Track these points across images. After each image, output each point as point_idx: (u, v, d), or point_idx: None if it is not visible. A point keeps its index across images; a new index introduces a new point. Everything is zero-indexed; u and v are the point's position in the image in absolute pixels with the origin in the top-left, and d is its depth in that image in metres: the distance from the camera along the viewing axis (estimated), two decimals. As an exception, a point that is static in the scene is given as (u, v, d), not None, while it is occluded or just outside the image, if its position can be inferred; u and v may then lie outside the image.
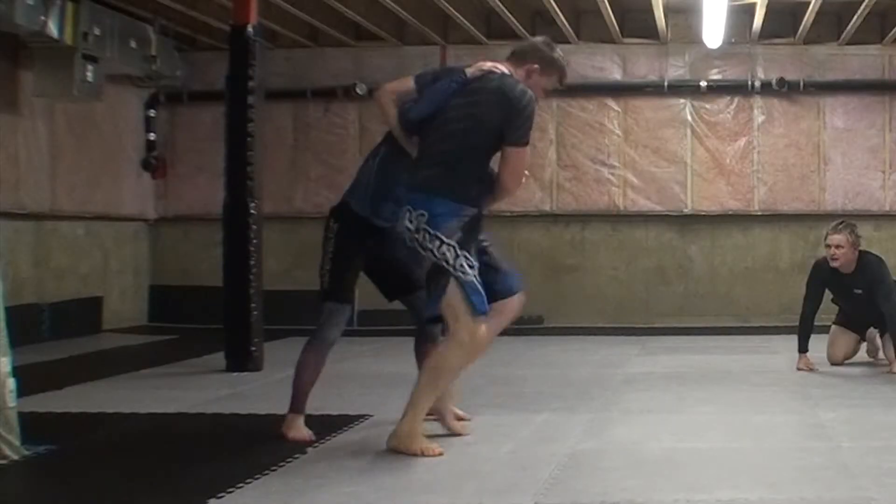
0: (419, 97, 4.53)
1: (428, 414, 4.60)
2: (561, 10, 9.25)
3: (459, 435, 4.74)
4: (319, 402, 5.77)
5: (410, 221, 4.33)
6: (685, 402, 5.71)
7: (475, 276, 4.30)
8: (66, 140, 9.34)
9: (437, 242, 4.28)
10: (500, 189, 4.49)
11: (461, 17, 9.44)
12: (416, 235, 4.31)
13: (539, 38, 4.77)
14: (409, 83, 4.61)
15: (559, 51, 4.66)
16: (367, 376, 6.79)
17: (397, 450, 4.37)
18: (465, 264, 4.28)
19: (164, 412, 5.52)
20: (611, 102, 10.47)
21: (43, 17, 7.81)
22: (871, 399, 5.72)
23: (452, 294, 4.30)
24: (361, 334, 9.57)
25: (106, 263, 10.09)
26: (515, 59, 4.58)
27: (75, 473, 4.20)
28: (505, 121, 4.35)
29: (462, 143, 4.37)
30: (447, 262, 4.28)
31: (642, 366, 7.33)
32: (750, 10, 9.24)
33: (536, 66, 4.53)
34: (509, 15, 9.30)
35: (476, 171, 4.40)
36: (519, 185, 4.52)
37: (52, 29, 7.96)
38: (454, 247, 4.28)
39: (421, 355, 4.87)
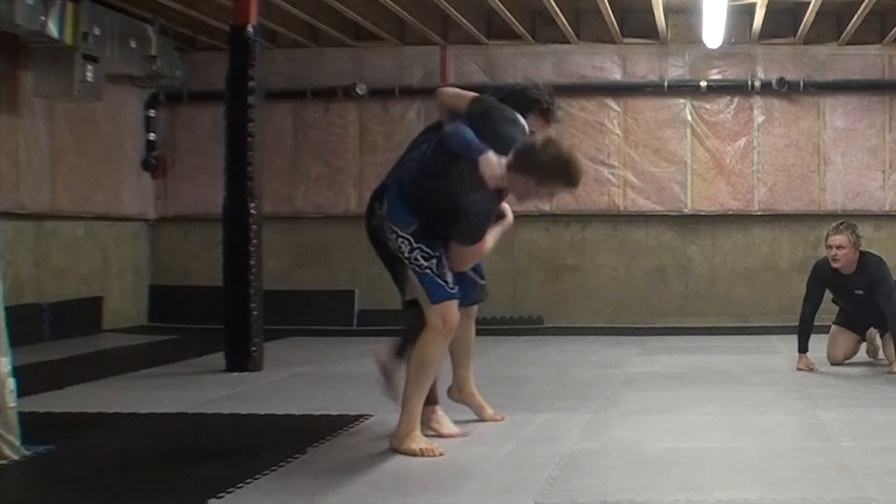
0: (462, 120, 4.45)
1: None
2: (561, 10, 9.25)
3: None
4: (319, 402, 5.79)
5: (379, 209, 4.51)
6: (685, 402, 5.70)
7: (432, 266, 4.36)
8: (66, 140, 9.34)
9: (395, 235, 4.42)
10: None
11: (461, 17, 9.44)
12: (383, 223, 4.48)
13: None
14: (464, 101, 4.52)
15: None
16: (367, 376, 6.75)
17: (397, 451, 4.37)
18: (419, 256, 4.37)
19: (164, 412, 5.52)
20: (611, 102, 10.47)
21: (43, 17, 7.81)
22: (871, 399, 5.71)
23: (414, 283, 4.44)
24: (361, 334, 9.59)
25: (106, 263, 10.09)
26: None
27: (75, 473, 4.19)
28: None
29: (422, 192, 4.39)
30: (403, 254, 4.41)
31: (642, 366, 7.33)
32: (750, 10, 9.23)
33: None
34: (509, 15, 9.30)
35: (433, 216, 4.37)
36: (466, 266, 4.51)
37: (52, 29, 7.97)
38: (409, 239, 4.38)
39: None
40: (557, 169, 4.27)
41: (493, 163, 4.28)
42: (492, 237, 4.46)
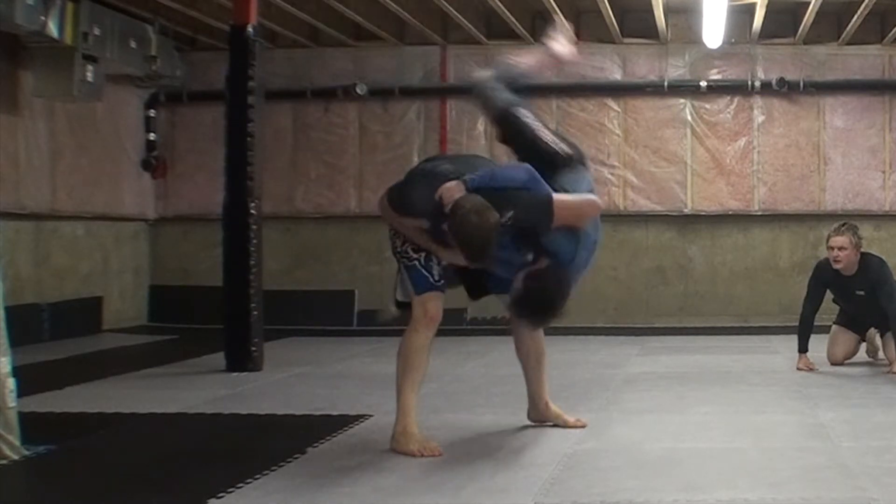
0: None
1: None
2: (561, 10, 9.23)
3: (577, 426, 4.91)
4: (319, 402, 5.79)
5: None
6: (685, 402, 5.70)
7: (419, 258, 4.46)
8: (66, 140, 9.34)
9: (392, 232, 4.56)
10: None
11: (461, 17, 9.44)
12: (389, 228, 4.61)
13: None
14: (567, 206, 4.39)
15: (474, 228, 4.14)
16: (367, 376, 6.79)
17: (397, 451, 4.37)
18: (409, 249, 4.48)
19: (164, 412, 5.52)
20: (611, 102, 10.47)
21: (43, 17, 7.81)
22: (871, 399, 5.71)
23: (404, 276, 4.53)
24: (361, 334, 9.59)
25: (106, 263, 10.09)
26: None
27: (75, 473, 4.20)
28: None
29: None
30: (395, 249, 4.53)
31: (642, 366, 7.33)
32: (750, 10, 9.23)
33: (448, 223, 4.27)
34: (509, 15, 9.30)
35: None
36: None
37: (52, 29, 7.97)
38: (403, 234, 4.52)
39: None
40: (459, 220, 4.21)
41: (452, 190, 4.25)
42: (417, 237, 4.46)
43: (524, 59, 4.89)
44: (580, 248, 4.45)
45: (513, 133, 4.63)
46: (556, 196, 4.34)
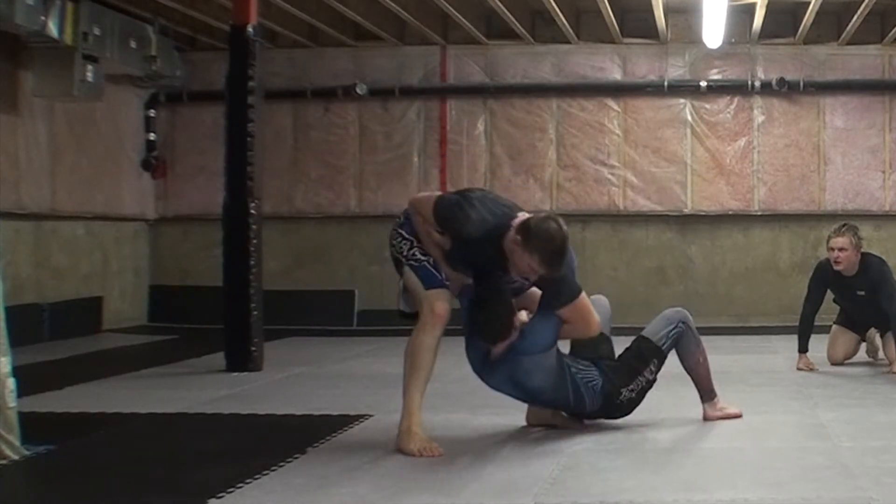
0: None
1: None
2: (561, 10, 9.25)
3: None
4: (319, 402, 5.79)
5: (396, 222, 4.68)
6: (685, 402, 5.69)
7: (428, 260, 4.51)
8: (66, 140, 9.34)
9: (399, 238, 4.57)
10: None
11: (461, 17, 9.44)
12: (392, 236, 4.62)
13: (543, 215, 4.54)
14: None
15: (554, 231, 4.40)
16: (367, 376, 6.80)
17: (399, 450, 4.37)
18: (417, 254, 4.54)
19: (164, 412, 5.52)
20: (611, 102, 10.47)
21: (43, 17, 7.82)
22: (871, 399, 5.71)
23: (409, 279, 4.54)
24: (361, 334, 9.59)
25: (106, 263, 10.09)
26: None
27: (75, 473, 4.19)
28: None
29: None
30: (402, 253, 4.55)
31: (642, 366, 7.31)
32: (750, 10, 9.24)
33: (519, 237, 4.41)
34: (509, 15, 9.30)
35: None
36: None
37: (52, 29, 7.97)
38: (411, 240, 4.55)
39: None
40: (539, 232, 4.41)
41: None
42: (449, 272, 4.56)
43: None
44: (541, 361, 4.78)
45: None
46: (583, 294, 4.77)
